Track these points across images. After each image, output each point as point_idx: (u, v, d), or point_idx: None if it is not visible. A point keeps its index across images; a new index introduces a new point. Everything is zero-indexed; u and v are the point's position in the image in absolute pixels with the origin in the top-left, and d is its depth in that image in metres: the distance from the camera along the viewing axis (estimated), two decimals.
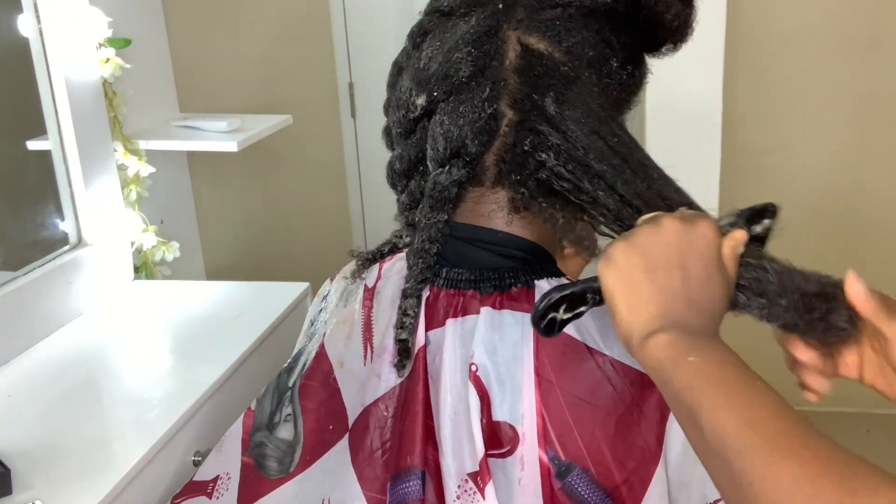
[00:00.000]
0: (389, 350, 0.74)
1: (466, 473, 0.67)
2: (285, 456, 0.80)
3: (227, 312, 1.44)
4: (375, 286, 0.80)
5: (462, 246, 0.74)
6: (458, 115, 0.70)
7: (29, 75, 1.41)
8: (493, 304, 0.71)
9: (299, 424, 0.80)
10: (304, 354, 0.84)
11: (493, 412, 0.68)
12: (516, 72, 0.68)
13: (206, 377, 1.20)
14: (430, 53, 0.72)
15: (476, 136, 0.69)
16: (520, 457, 0.67)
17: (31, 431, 1.09)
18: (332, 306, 0.85)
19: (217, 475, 0.86)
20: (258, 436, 0.83)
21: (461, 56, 0.69)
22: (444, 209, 0.73)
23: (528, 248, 0.73)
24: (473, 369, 0.68)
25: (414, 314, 0.73)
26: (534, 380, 0.68)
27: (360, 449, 0.75)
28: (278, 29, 2.22)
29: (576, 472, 0.66)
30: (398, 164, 0.78)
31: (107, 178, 1.54)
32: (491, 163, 0.71)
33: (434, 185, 0.72)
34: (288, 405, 0.82)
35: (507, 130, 0.69)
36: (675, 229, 0.59)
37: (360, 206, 2.41)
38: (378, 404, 0.75)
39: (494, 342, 0.69)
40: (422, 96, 0.72)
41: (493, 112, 0.69)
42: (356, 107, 2.31)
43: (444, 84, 0.70)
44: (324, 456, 0.77)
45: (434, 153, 0.73)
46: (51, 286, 1.38)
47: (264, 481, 0.80)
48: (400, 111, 0.75)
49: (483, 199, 0.74)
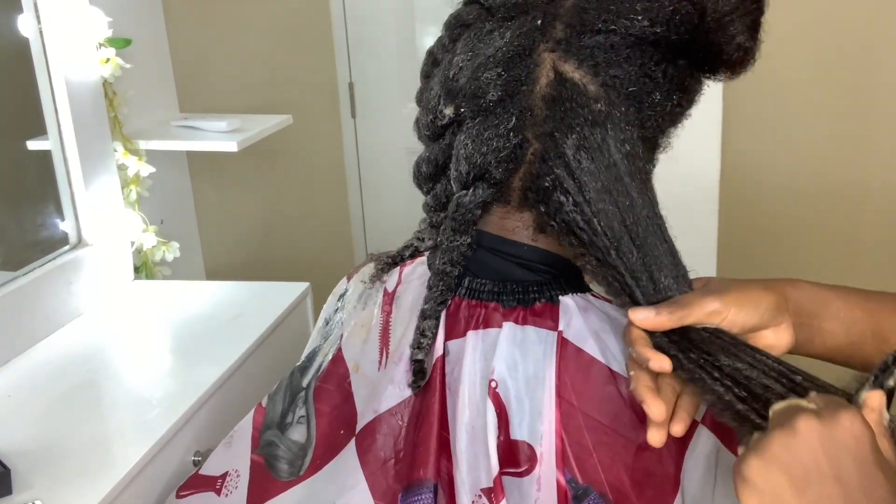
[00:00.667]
0: (405, 358, 0.73)
1: (480, 489, 0.66)
2: (297, 458, 0.79)
3: (227, 312, 1.44)
4: (395, 291, 0.79)
5: (486, 256, 0.72)
6: (483, 140, 0.67)
7: (29, 75, 1.41)
8: (517, 319, 0.69)
9: (312, 427, 0.79)
10: (320, 355, 0.83)
11: (511, 430, 0.67)
12: (545, 101, 0.65)
13: (206, 377, 1.20)
14: (461, 63, 0.69)
15: (500, 164, 0.67)
16: (537, 477, 0.66)
17: (31, 431, 1.09)
18: (350, 307, 0.83)
19: (226, 471, 0.85)
20: (268, 434, 0.82)
21: (490, 77, 0.66)
22: (468, 231, 0.71)
23: (554, 263, 0.71)
24: (493, 385, 0.67)
25: (432, 335, 0.71)
26: (555, 400, 0.66)
27: (372, 458, 0.73)
28: (278, 29, 2.22)
29: (593, 496, 0.64)
30: (425, 168, 0.76)
31: (107, 178, 1.54)
32: (517, 186, 0.68)
33: (457, 206, 0.70)
34: (302, 406, 0.80)
35: (532, 159, 0.66)
36: (815, 432, 0.50)
37: (360, 206, 2.41)
38: (394, 412, 0.73)
39: (516, 359, 0.68)
40: (450, 107, 0.70)
41: (518, 142, 0.66)
42: (356, 107, 2.31)
43: (472, 103, 0.68)
44: (333, 460, 0.76)
45: (457, 174, 0.71)
46: (51, 286, 1.38)
47: (274, 483, 0.79)
48: (428, 115, 0.73)
49: (509, 217, 0.72)
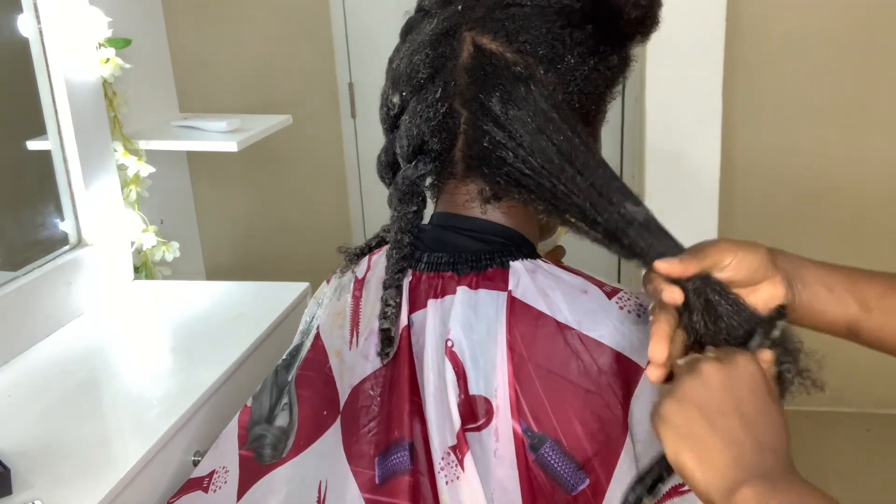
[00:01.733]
0: (376, 332, 0.77)
1: (448, 447, 0.69)
2: (279, 442, 0.82)
3: (227, 312, 1.44)
4: (365, 277, 0.83)
5: (442, 233, 0.77)
6: (417, 114, 0.73)
7: (29, 75, 1.41)
8: (470, 284, 0.73)
9: (294, 411, 0.82)
10: (302, 350, 0.86)
11: (469, 387, 0.70)
12: (466, 71, 0.71)
13: (206, 377, 1.20)
14: (402, 53, 0.76)
15: (434, 133, 0.73)
16: (494, 429, 0.69)
17: (31, 431, 1.09)
18: (327, 301, 0.87)
19: (213, 470, 0.87)
20: (257, 429, 0.85)
21: (420, 58, 0.73)
22: (413, 201, 0.77)
23: (505, 234, 0.76)
24: (449, 345, 0.71)
25: (395, 304, 0.75)
26: (506, 354, 0.70)
27: (350, 428, 0.77)
28: (278, 29, 2.23)
29: (548, 444, 0.68)
30: (384, 157, 0.82)
31: (107, 178, 1.54)
32: (459, 157, 0.74)
33: (402, 179, 0.76)
34: (285, 395, 0.84)
35: (465, 128, 0.72)
36: (716, 372, 0.59)
37: (360, 206, 2.41)
38: (365, 384, 0.77)
39: (470, 319, 0.71)
40: (396, 95, 0.77)
41: (446, 111, 0.72)
42: (356, 107, 2.31)
43: (409, 85, 0.74)
44: (318, 440, 0.79)
45: (401, 150, 0.77)
46: (51, 286, 1.38)
47: (259, 467, 0.82)
48: (383, 108, 0.80)
49: (457, 191, 0.77)
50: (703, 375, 0.59)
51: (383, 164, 0.83)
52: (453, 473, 0.68)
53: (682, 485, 0.65)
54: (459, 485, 0.68)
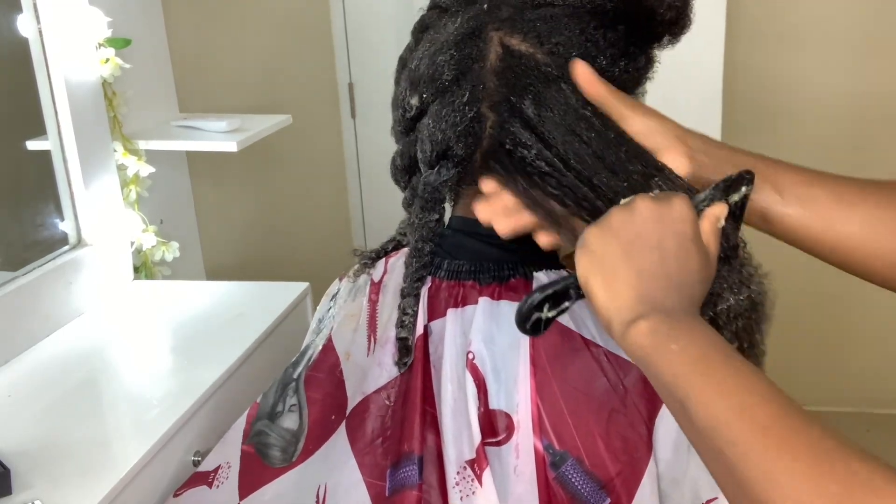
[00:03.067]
0: (391, 341, 0.75)
1: (465, 461, 0.68)
2: (289, 445, 0.80)
3: (227, 312, 1.44)
4: (382, 280, 0.82)
5: (462, 238, 0.76)
6: (442, 118, 0.70)
7: (29, 75, 1.41)
8: (492, 295, 0.72)
9: (304, 414, 0.80)
10: (311, 349, 0.85)
11: (489, 401, 0.69)
12: (496, 74, 0.68)
13: (206, 377, 1.20)
14: (421, 54, 0.73)
15: (460, 138, 0.69)
16: (515, 445, 0.68)
17: (31, 431, 1.09)
18: (342, 302, 0.86)
19: (218, 465, 0.87)
20: (259, 425, 0.84)
21: (444, 59, 0.69)
22: (436, 209, 0.74)
23: (527, 241, 0.73)
24: (470, 357, 0.69)
25: (413, 312, 0.74)
26: (529, 369, 0.68)
27: (360, 436, 0.75)
28: (278, 29, 2.22)
29: (570, 462, 0.67)
30: (400, 161, 0.79)
31: (106, 178, 1.54)
32: (481, 162, 0.71)
33: (424, 186, 0.73)
34: (292, 395, 0.82)
35: (490, 133, 0.69)
36: (647, 209, 0.58)
37: (360, 206, 2.41)
38: (380, 393, 0.75)
39: (492, 331, 0.70)
40: (415, 97, 0.73)
41: (474, 115, 0.68)
42: (356, 107, 2.31)
43: (431, 87, 0.71)
44: (325, 444, 0.78)
45: (422, 155, 0.73)
46: (51, 286, 1.38)
47: (267, 470, 0.81)
48: (398, 110, 0.76)
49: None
50: (633, 208, 0.59)
51: (399, 168, 0.79)
52: (469, 488, 0.67)
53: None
54: (475, 500, 0.67)
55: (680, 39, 0.74)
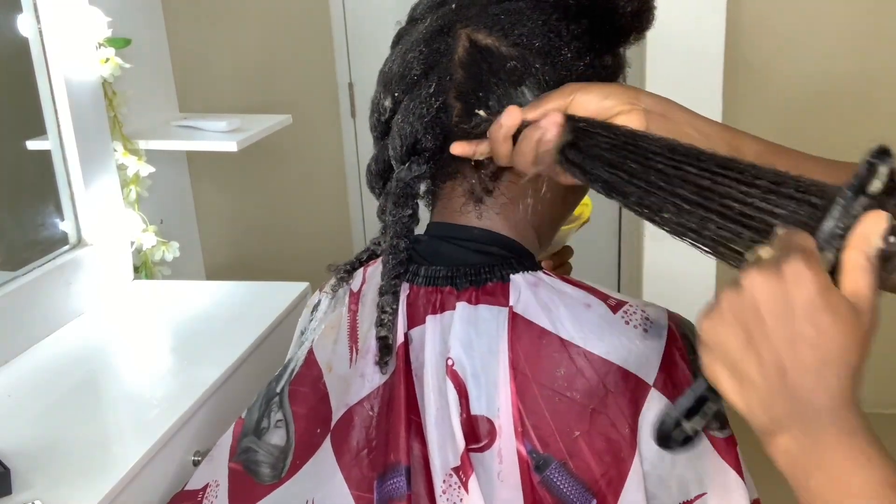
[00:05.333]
0: (373, 350, 0.75)
1: (450, 468, 0.67)
2: (278, 462, 0.80)
3: (227, 312, 1.44)
4: (361, 290, 0.81)
5: (439, 244, 0.75)
6: (410, 111, 0.72)
7: (29, 75, 1.41)
8: (469, 300, 0.71)
9: (291, 430, 0.80)
10: (293, 362, 0.84)
11: (471, 406, 0.68)
12: (462, 66, 0.70)
13: (206, 377, 1.20)
14: (394, 56, 0.75)
15: (427, 130, 0.71)
16: (498, 450, 0.67)
17: (31, 431, 1.09)
18: (321, 315, 0.85)
19: (206, 483, 0.86)
20: (245, 441, 0.83)
21: (414, 55, 0.72)
22: (408, 205, 0.75)
23: (504, 244, 0.74)
24: (450, 363, 0.69)
25: (392, 310, 0.73)
26: (509, 373, 0.68)
27: (346, 449, 0.75)
28: (278, 29, 2.23)
29: (554, 465, 0.66)
30: (374, 166, 0.80)
31: (106, 178, 1.54)
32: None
33: (396, 182, 0.74)
34: (277, 410, 0.81)
35: (458, 122, 0.70)
36: (759, 286, 0.48)
37: (360, 206, 2.41)
38: (363, 404, 0.75)
39: (470, 337, 0.70)
40: (388, 98, 0.75)
41: (440, 105, 0.70)
42: (356, 107, 2.31)
43: (402, 84, 0.73)
44: (311, 459, 0.77)
45: (394, 152, 0.75)
46: (51, 286, 1.38)
47: (258, 487, 0.80)
48: (374, 115, 0.78)
49: (453, 194, 0.75)
50: (741, 288, 0.49)
51: (373, 174, 0.80)
52: (456, 496, 0.67)
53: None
54: None
55: (644, 36, 0.75)
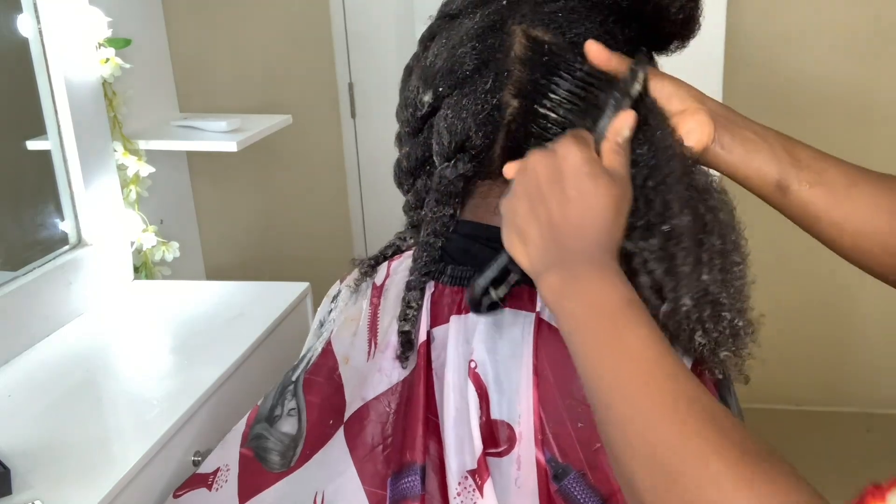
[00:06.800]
0: (393, 345, 0.74)
1: (466, 471, 0.67)
2: (288, 450, 0.80)
3: (227, 312, 1.44)
4: (384, 284, 0.80)
5: (468, 243, 0.74)
6: (462, 107, 0.70)
7: (29, 75, 1.41)
8: None
9: (303, 419, 0.80)
10: (311, 352, 0.84)
11: (491, 410, 0.68)
12: (521, 62, 0.68)
13: (206, 377, 1.20)
14: (437, 51, 0.73)
15: (479, 127, 0.70)
16: (516, 456, 0.67)
17: (31, 431, 1.09)
18: (342, 305, 0.85)
19: (217, 467, 0.86)
20: (257, 428, 0.83)
21: (465, 51, 0.70)
22: (450, 203, 0.74)
23: None
24: (472, 366, 0.68)
25: (417, 306, 0.73)
26: (532, 379, 0.67)
27: (360, 444, 0.74)
28: (278, 29, 2.22)
29: (572, 475, 0.65)
30: (405, 163, 0.79)
31: (106, 178, 1.54)
32: (497, 155, 0.71)
33: (440, 179, 0.73)
34: (291, 399, 0.81)
35: (510, 120, 0.69)
36: (538, 161, 0.61)
37: (360, 206, 2.41)
38: (380, 399, 0.74)
39: (494, 340, 0.69)
40: (428, 93, 0.73)
41: (496, 103, 0.69)
42: (356, 107, 2.31)
43: (449, 79, 0.71)
44: (321, 450, 0.77)
45: (440, 148, 0.73)
46: (51, 286, 1.38)
47: (266, 475, 0.80)
48: (408, 110, 0.76)
49: (490, 193, 0.74)
50: (525, 166, 0.61)
51: (404, 171, 0.79)
52: (470, 499, 0.66)
53: None
54: None
55: (687, 45, 0.76)
